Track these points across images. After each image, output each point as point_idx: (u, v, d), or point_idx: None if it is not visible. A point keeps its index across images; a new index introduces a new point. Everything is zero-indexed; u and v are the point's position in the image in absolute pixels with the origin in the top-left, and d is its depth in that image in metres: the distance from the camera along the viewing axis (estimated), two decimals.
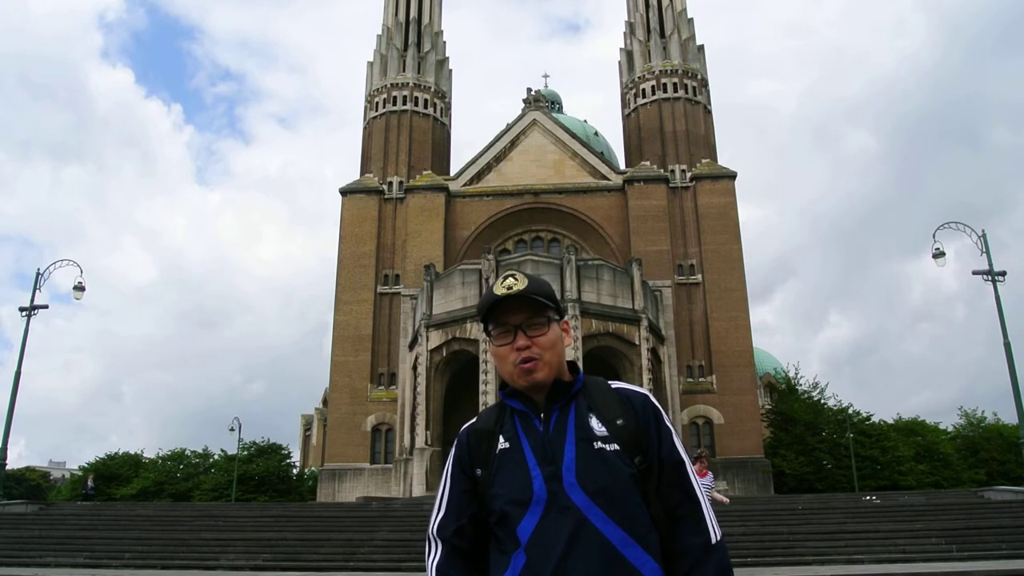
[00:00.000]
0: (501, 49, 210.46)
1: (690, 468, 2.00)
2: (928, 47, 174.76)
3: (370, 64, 49.06)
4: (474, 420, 2.17)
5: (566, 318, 2.12)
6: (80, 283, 26.13)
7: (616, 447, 1.93)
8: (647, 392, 2.10)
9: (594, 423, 1.98)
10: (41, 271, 25.70)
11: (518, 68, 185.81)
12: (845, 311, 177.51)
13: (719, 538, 1.94)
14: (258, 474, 43.64)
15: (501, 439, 2.03)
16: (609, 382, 2.12)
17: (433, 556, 2.05)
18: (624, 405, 2.02)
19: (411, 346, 35.16)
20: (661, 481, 1.95)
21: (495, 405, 2.16)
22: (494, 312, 2.05)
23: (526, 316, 2.03)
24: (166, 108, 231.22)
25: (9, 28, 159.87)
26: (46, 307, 26.17)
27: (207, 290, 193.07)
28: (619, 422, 1.97)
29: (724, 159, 46.43)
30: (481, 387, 30.21)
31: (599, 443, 1.94)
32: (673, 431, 2.04)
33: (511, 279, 2.05)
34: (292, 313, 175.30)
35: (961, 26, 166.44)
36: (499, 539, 1.96)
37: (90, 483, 35.94)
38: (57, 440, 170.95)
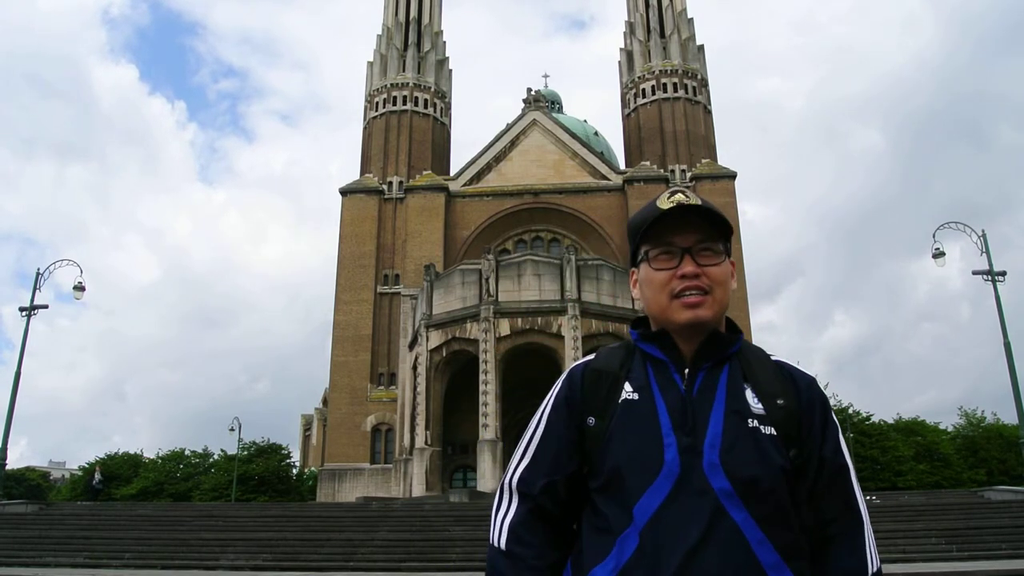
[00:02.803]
0: (503, 47, 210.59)
1: (854, 478, 1.63)
2: (935, 44, 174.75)
3: (370, 64, 49.11)
4: (590, 358, 1.75)
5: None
6: (80, 283, 26.14)
7: (772, 431, 1.56)
8: (814, 376, 1.70)
9: (750, 396, 1.59)
10: (41, 271, 25.74)
11: (520, 67, 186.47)
12: (849, 310, 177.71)
13: (877, 568, 1.58)
14: (258, 474, 43.62)
15: (628, 387, 1.63)
16: (768, 354, 1.72)
17: (506, 512, 1.64)
18: (786, 383, 1.63)
19: (411, 346, 35.17)
20: (816, 485, 1.58)
21: (620, 345, 1.74)
22: (658, 228, 1.63)
23: (699, 238, 1.62)
24: (169, 105, 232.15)
25: (16, 26, 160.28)
26: (46, 307, 26.17)
27: (211, 289, 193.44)
28: (779, 402, 1.59)
29: (730, 158, 46.77)
30: (481, 387, 30.22)
31: (754, 421, 1.56)
32: (839, 429, 1.65)
33: (680, 195, 1.63)
34: (297, 312, 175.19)
35: (969, 23, 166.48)
36: (600, 513, 1.56)
37: (98, 475, 34.96)
38: (60, 440, 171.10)
